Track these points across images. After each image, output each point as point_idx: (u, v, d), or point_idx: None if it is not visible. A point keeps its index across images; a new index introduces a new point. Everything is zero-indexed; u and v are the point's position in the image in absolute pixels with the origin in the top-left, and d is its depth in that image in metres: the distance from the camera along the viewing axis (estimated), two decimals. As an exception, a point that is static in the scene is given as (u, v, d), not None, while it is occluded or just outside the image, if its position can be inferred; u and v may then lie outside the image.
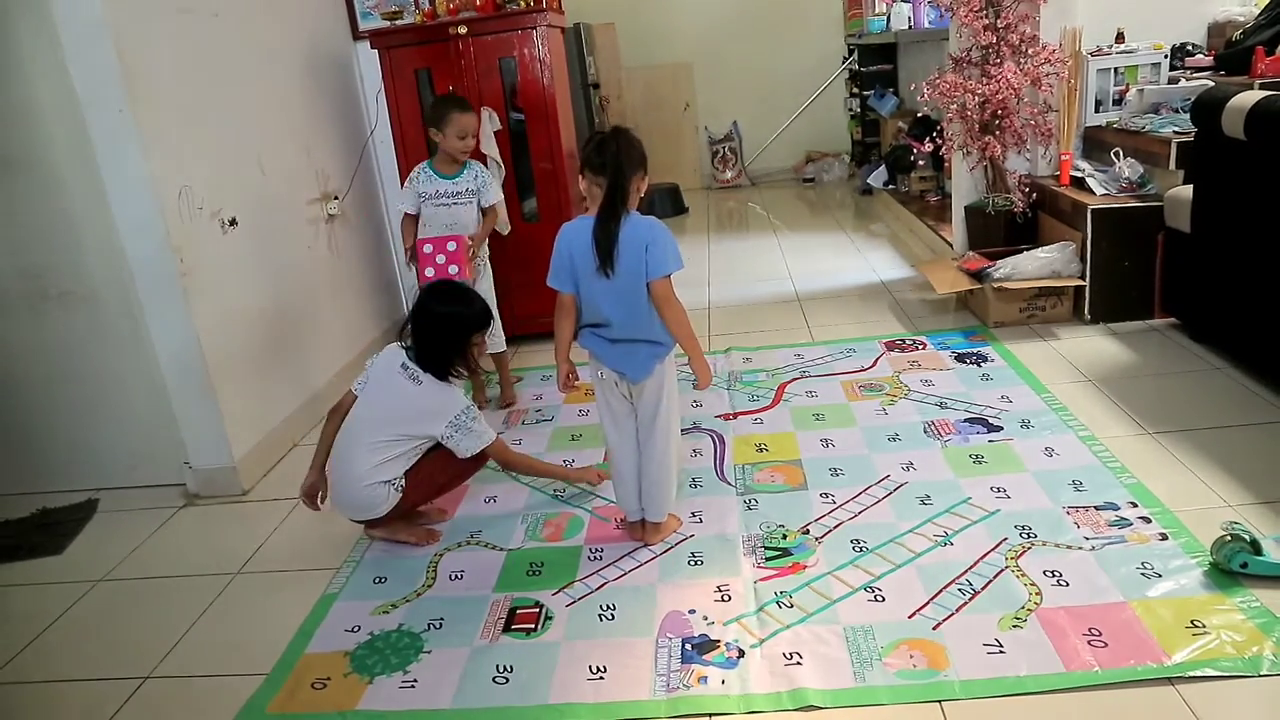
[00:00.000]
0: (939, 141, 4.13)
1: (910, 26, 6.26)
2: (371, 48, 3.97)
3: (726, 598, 2.13)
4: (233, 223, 3.08)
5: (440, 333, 2.43)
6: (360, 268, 4.12)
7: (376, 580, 2.38)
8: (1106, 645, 1.83)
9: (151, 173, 2.71)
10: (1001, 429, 2.81)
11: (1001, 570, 2.11)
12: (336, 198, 3.91)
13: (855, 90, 7.57)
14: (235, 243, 3.10)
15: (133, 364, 2.96)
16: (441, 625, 2.15)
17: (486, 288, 3.42)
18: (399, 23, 4.03)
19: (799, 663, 1.88)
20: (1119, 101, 3.83)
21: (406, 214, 3.33)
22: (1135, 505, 2.30)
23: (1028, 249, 3.71)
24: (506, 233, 3.62)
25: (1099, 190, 3.58)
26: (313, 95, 3.80)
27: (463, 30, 3.83)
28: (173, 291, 2.81)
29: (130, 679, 2.10)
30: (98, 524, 2.93)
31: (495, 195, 3.35)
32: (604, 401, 2.35)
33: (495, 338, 3.49)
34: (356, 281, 4.07)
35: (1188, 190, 3.19)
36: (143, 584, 2.54)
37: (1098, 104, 3.87)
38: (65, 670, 2.18)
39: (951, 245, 4.53)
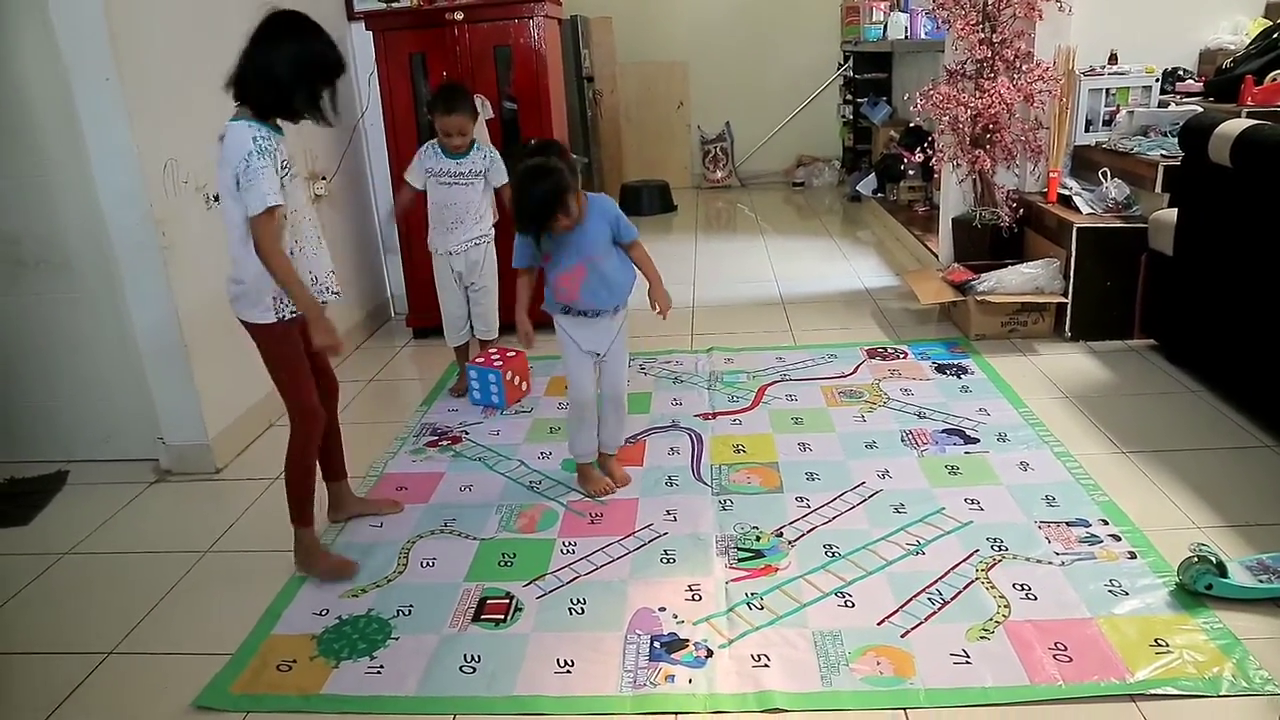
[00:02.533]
0: (929, 152, 4.15)
1: (907, 36, 6.28)
2: (366, 29, 3.93)
3: (697, 597, 2.13)
4: (217, 199, 3.03)
5: (274, 75, 2.12)
6: (344, 250, 4.09)
7: (347, 565, 2.37)
8: (1071, 660, 1.84)
9: (137, 143, 2.68)
10: (978, 441, 2.82)
11: (971, 581, 2.12)
12: (324, 178, 3.88)
13: (849, 97, 7.59)
14: (219, 219, 3.05)
15: (109, 337, 2.92)
16: (410, 612, 2.14)
17: (490, 272, 3.43)
18: (395, 5, 4.00)
19: (766, 665, 1.89)
20: (1109, 122, 3.86)
21: (406, 181, 3.35)
22: (1106, 523, 2.33)
23: (1012, 264, 3.74)
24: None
25: (1085, 209, 3.61)
26: (305, 74, 3.76)
27: (459, 16, 3.80)
28: (153, 265, 2.78)
29: (94, 654, 2.08)
30: (67, 496, 2.90)
31: (505, 177, 3.32)
32: (580, 357, 2.55)
33: (488, 325, 3.49)
34: (340, 263, 4.02)
35: (1172, 214, 3.22)
36: (110, 559, 2.51)
37: (1088, 123, 3.90)
38: (28, 643, 2.16)
39: (937, 256, 4.56)
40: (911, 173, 5.95)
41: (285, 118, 2.19)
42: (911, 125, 4.90)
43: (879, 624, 1.99)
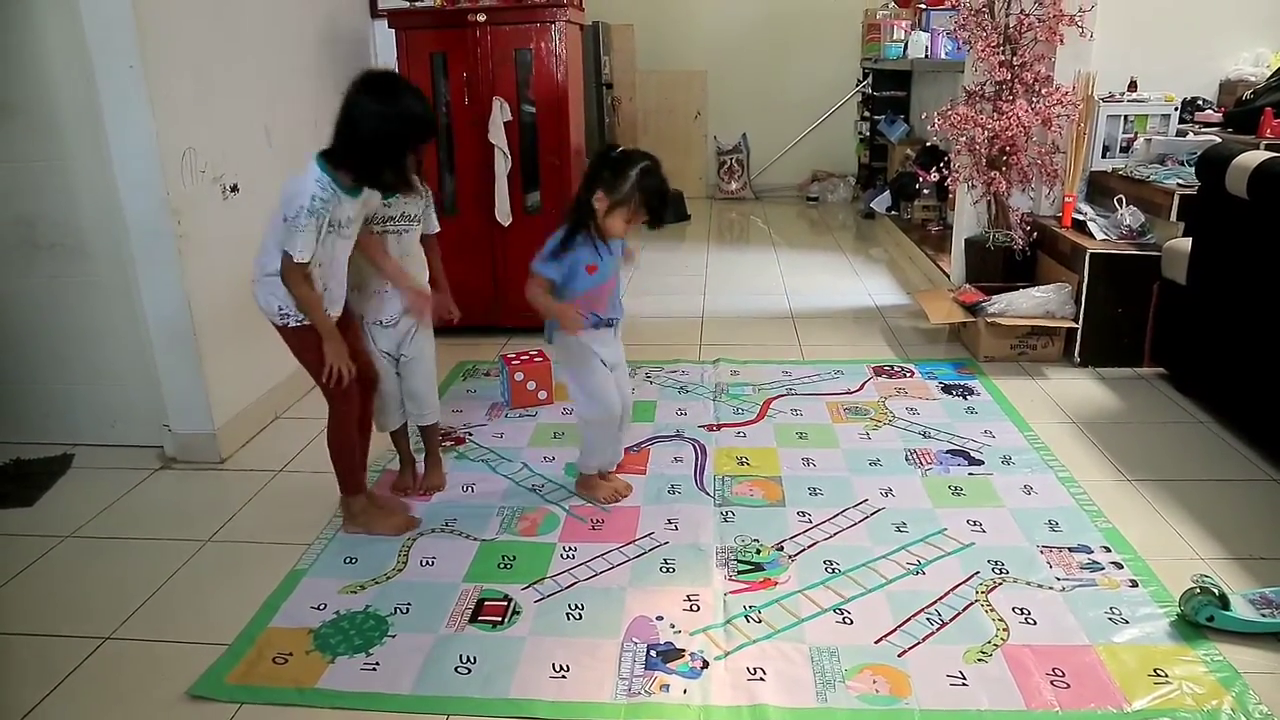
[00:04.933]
0: (945, 172, 4.15)
1: (927, 56, 6.28)
2: (389, 27, 3.95)
3: (695, 607, 2.13)
4: (234, 189, 3.06)
5: (362, 133, 2.12)
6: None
7: (347, 560, 2.37)
8: (1069, 686, 1.83)
9: (156, 131, 2.69)
10: (982, 463, 2.82)
11: (971, 603, 2.11)
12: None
13: (866, 114, 7.60)
14: (235, 210, 3.08)
15: (120, 322, 2.94)
16: (408, 610, 2.14)
17: (425, 337, 2.60)
18: (419, 4, 4.03)
19: (762, 679, 1.88)
20: (1126, 149, 3.86)
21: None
22: (1108, 550, 2.32)
23: (1024, 287, 3.73)
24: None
25: (1099, 235, 3.60)
26: (325, 70, 3.78)
27: (481, 18, 3.82)
28: (167, 253, 2.80)
29: (90, 638, 2.08)
30: (71, 479, 2.91)
31: (436, 223, 2.63)
32: (606, 372, 2.52)
33: (422, 406, 2.67)
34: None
35: (1186, 243, 3.22)
36: (111, 543, 2.52)
37: (1105, 149, 3.89)
38: (24, 624, 2.16)
39: (949, 276, 4.55)
40: (926, 192, 5.95)
41: (369, 185, 2.24)
42: (928, 144, 4.92)
43: (876, 642, 1.99)
